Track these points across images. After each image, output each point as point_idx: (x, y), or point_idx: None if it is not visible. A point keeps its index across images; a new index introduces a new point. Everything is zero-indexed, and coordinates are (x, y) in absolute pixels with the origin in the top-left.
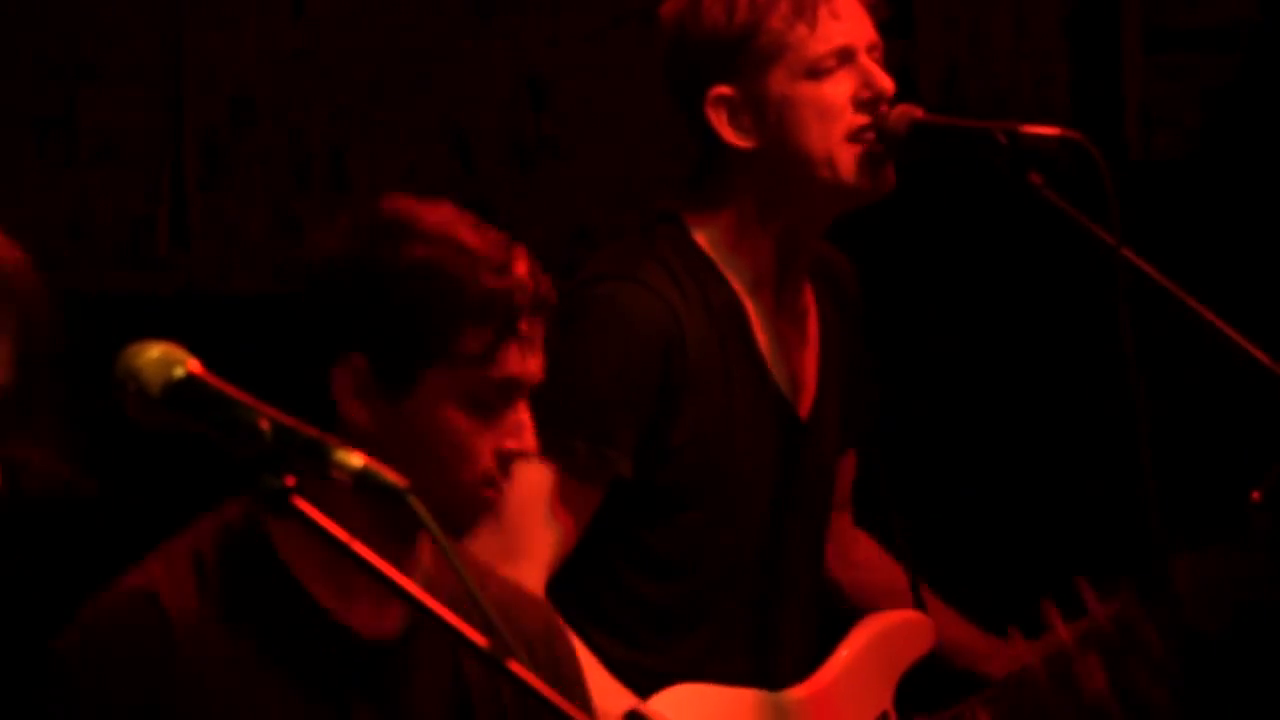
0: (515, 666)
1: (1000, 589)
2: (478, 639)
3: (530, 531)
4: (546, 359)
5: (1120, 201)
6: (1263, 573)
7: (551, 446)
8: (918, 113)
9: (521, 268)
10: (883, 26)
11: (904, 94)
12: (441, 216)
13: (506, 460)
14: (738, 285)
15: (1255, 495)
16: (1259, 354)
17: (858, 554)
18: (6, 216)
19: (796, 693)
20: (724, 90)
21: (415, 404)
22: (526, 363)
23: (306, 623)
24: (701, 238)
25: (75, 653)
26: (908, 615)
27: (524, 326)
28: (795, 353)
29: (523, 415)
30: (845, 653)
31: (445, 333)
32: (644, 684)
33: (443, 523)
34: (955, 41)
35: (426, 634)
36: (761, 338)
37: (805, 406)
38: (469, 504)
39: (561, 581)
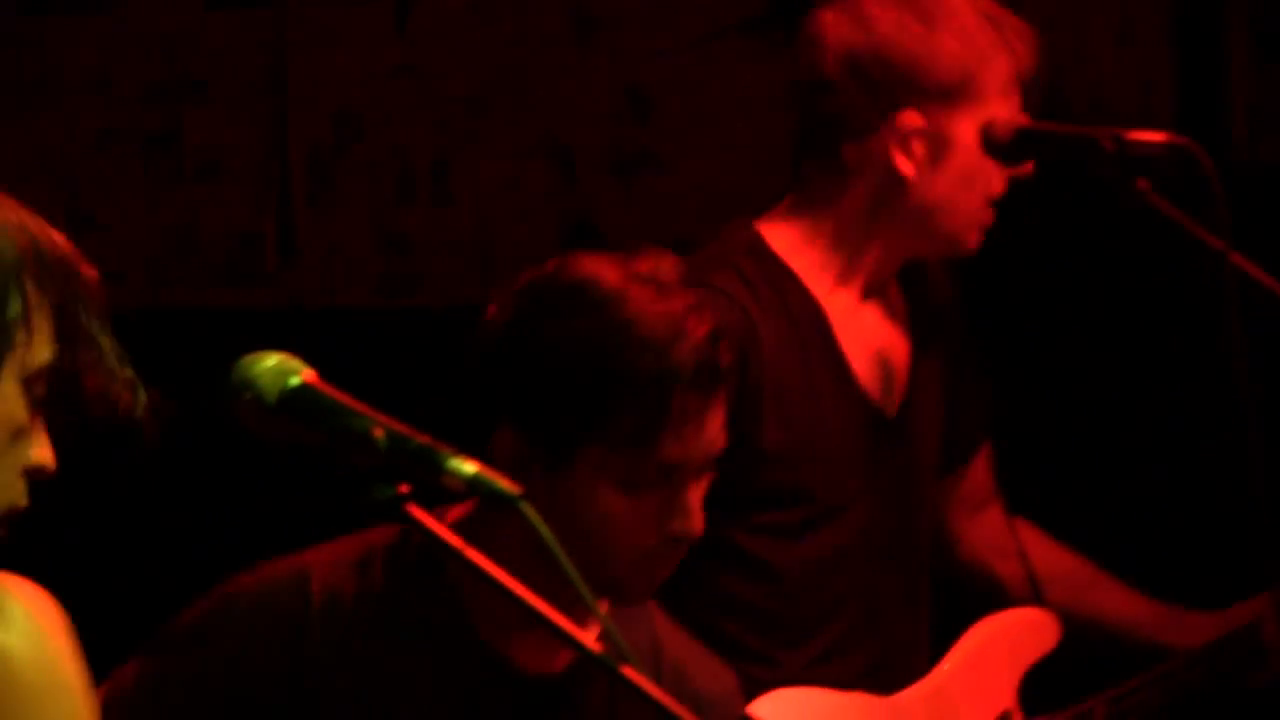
0: (629, 672)
1: None
2: (594, 646)
3: None
4: None
5: (1228, 206)
6: None
7: None
8: (1023, 119)
9: (690, 342)
10: None
11: None
12: (615, 282)
13: (672, 542)
14: (816, 291)
15: None
16: None
17: (1012, 544)
18: (116, 233)
19: (909, 694)
20: (915, 119)
21: (571, 480)
22: (689, 443)
23: (463, 648)
24: (778, 245)
25: (224, 604)
26: (1028, 612)
27: (688, 406)
28: (882, 354)
29: (688, 496)
30: (960, 652)
31: (599, 414)
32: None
33: (606, 596)
34: (1058, 48)
35: (588, 679)
36: (843, 340)
37: (894, 406)
38: (627, 584)
39: (660, 599)
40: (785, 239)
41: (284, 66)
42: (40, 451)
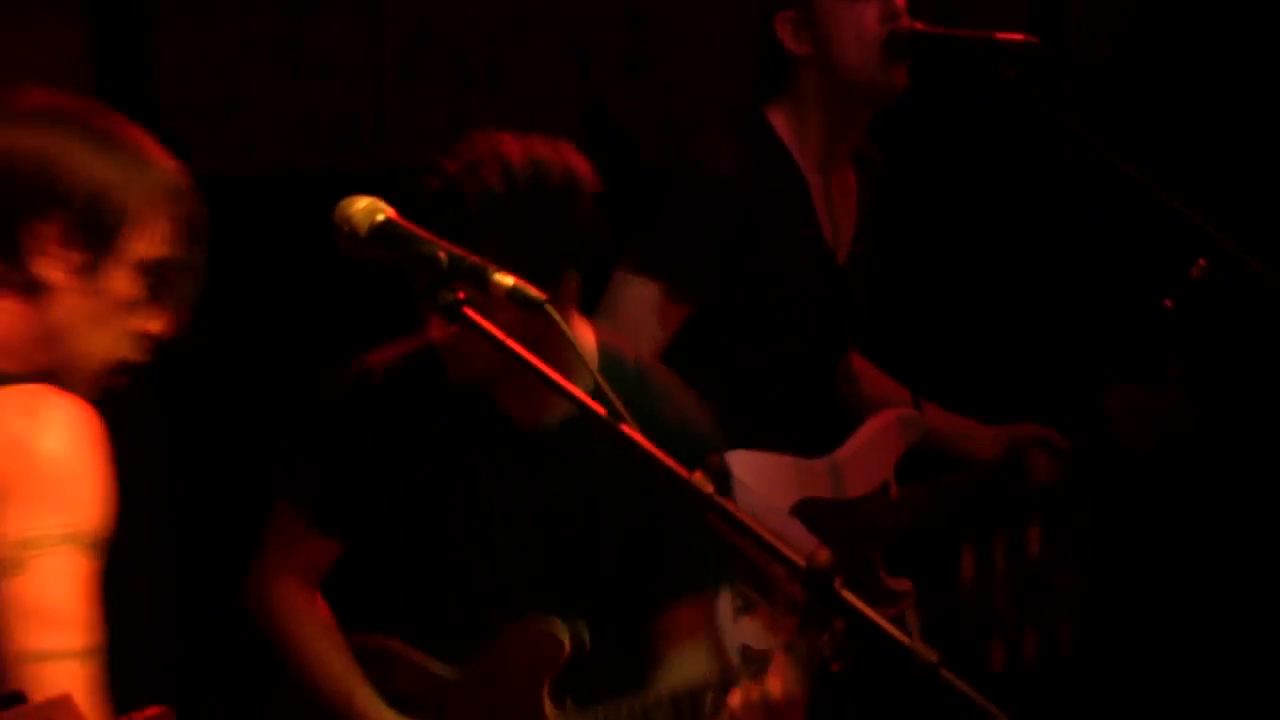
0: (626, 429)
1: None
2: (598, 408)
3: (638, 334)
4: (655, 212)
5: (1065, 90)
6: (1177, 408)
7: (659, 272)
8: (917, 25)
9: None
10: None
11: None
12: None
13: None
14: (801, 162)
15: (1168, 303)
16: (1170, 200)
17: (853, 371)
18: (256, 116)
19: (830, 460)
20: (788, 12)
21: None
22: None
23: (481, 408)
24: (776, 124)
25: (323, 394)
26: (905, 411)
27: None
28: (838, 216)
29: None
30: (864, 432)
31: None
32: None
33: None
34: None
35: (574, 432)
36: (817, 202)
37: (842, 255)
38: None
39: None
40: (780, 121)
41: None
42: (153, 322)
